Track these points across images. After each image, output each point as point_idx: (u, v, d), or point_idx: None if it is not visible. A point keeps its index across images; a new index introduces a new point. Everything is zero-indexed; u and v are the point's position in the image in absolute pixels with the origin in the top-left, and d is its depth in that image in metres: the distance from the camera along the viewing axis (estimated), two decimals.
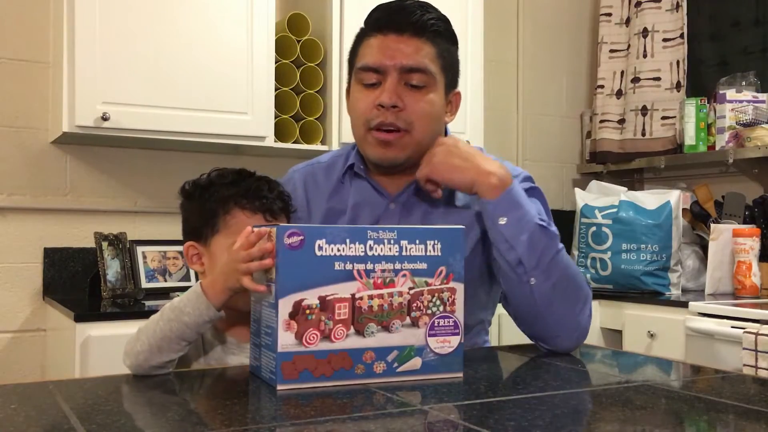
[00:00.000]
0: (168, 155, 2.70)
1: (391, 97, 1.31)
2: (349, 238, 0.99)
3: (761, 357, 1.99)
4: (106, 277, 2.38)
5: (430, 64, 1.33)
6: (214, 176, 1.32)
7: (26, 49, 2.53)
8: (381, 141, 1.34)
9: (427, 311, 1.04)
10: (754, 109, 2.90)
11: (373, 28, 1.36)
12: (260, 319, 1.03)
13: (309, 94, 2.65)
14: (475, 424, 0.80)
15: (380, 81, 1.34)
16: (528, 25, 3.49)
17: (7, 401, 0.90)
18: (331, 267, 0.98)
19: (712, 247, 2.73)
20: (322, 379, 0.97)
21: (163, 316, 1.11)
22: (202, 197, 1.30)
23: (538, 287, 1.26)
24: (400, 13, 1.34)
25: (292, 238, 0.96)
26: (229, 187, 1.29)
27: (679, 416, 0.88)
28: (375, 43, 1.35)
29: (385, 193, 1.42)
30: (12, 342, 2.49)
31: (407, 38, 1.33)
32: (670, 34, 3.22)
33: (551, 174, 3.51)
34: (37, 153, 2.53)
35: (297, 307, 0.96)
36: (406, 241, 1.02)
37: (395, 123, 1.32)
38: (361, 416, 0.84)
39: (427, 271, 1.03)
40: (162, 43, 2.35)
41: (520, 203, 1.28)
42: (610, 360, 1.34)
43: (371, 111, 1.34)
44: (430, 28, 1.34)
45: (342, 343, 0.98)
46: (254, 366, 1.05)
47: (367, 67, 1.35)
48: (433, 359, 1.04)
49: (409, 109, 1.32)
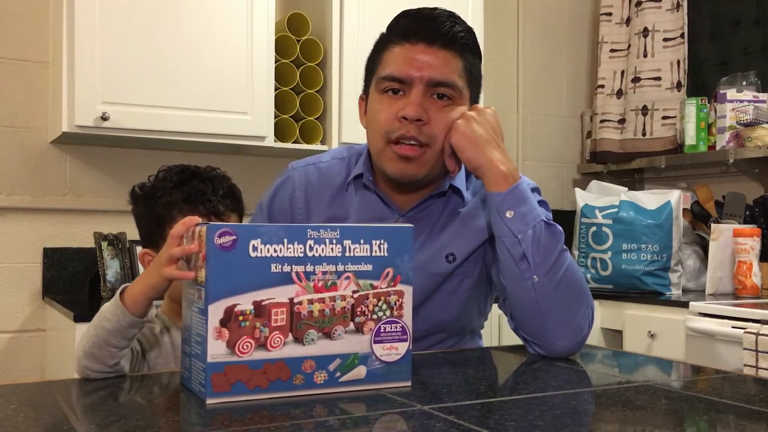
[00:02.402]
0: (168, 155, 2.70)
1: (417, 110, 1.25)
2: (286, 237, 0.91)
3: (762, 357, 1.99)
4: (106, 277, 2.38)
5: (458, 79, 1.28)
6: (160, 179, 1.30)
7: (26, 48, 2.52)
8: (401, 156, 1.28)
9: (372, 316, 0.96)
10: (754, 109, 2.90)
11: (400, 36, 1.29)
12: (191, 326, 0.94)
13: (309, 94, 2.65)
14: (475, 424, 0.80)
15: (404, 91, 1.27)
16: (528, 25, 3.49)
17: (7, 401, 0.90)
18: (267, 269, 0.90)
19: (712, 247, 2.72)
20: (256, 391, 0.89)
21: (92, 322, 1.07)
22: (147, 203, 1.29)
23: (541, 286, 1.23)
24: (430, 23, 1.28)
25: (224, 238, 0.88)
26: (173, 191, 1.27)
27: (679, 416, 0.88)
28: (401, 52, 1.28)
29: (394, 207, 1.37)
30: (12, 342, 2.49)
31: (436, 50, 1.27)
32: (671, 34, 3.22)
33: (551, 174, 3.51)
34: (36, 153, 2.53)
35: (229, 313, 0.88)
36: (350, 241, 0.94)
37: (417, 137, 1.26)
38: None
39: (373, 273, 0.96)
40: (162, 42, 2.35)
41: (527, 198, 1.26)
42: (610, 360, 1.34)
43: (393, 123, 1.27)
44: (460, 40, 1.29)
45: (279, 351, 0.90)
46: (185, 377, 0.97)
47: (392, 77, 1.28)
48: (378, 368, 0.97)
49: (433, 124, 1.27)
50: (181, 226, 0.98)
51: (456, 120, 1.28)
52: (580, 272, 1.30)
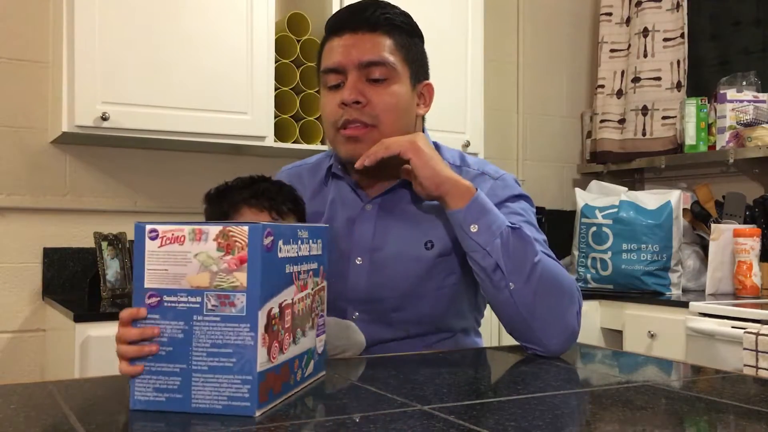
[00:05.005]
0: (168, 155, 2.70)
1: (352, 93, 1.32)
2: (291, 237, 0.91)
3: (762, 357, 1.99)
4: (106, 277, 2.38)
5: (388, 56, 1.34)
6: (233, 181, 1.35)
7: (26, 49, 2.52)
8: (348, 137, 1.33)
9: (317, 311, 1.00)
10: (754, 109, 2.90)
11: (331, 31, 1.38)
12: (191, 339, 0.84)
13: (309, 93, 2.65)
14: (475, 424, 0.80)
15: (343, 82, 1.34)
16: (528, 25, 3.49)
17: (7, 401, 0.90)
18: (284, 270, 0.89)
19: (712, 247, 2.72)
20: (278, 395, 0.88)
21: None
22: (217, 201, 1.32)
23: (519, 292, 1.23)
24: (354, 14, 1.36)
25: (268, 239, 0.84)
26: (242, 190, 1.31)
27: (679, 417, 0.88)
28: (334, 45, 1.36)
29: (362, 194, 1.41)
30: (12, 342, 2.49)
31: (362, 35, 1.34)
32: (671, 34, 3.22)
33: (551, 174, 3.51)
34: (36, 153, 2.53)
35: (269, 318, 0.85)
36: (311, 240, 0.97)
37: (360, 119, 1.32)
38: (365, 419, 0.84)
39: (317, 270, 1.00)
40: (162, 43, 2.35)
41: (488, 208, 1.26)
42: (610, 360, 1.34)
43: (337, 111, 1.34)
44: (385, 22, 1.35)
45: (288, 353, 0.90)
46: (157, 401, 0.85)
47: (327, 69, 1.36)
48: (317, 360, 1.01)
49: (373, 104, 1.32)
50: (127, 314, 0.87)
51: (403, 140, 1.28)
52: (557, 268, 1.28)
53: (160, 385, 0.85)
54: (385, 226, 1.38)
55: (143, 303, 0.85)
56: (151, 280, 0.85)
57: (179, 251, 0.84)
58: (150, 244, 0.85)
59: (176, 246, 0.84)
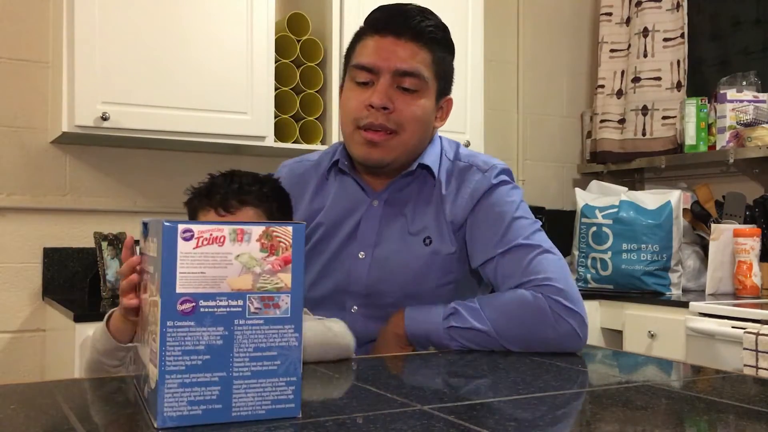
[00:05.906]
0: (168, 155, 2.70)
1: (382, 98, 1.32)
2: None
3: (762, 357, 1.99)
4: (106, 277, 2.38)
5: (424, 69, 1.34)
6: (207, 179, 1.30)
7: (26, 48, 2.52)
8: (368, 141, 1.34)
9: None
10: (754, 109, 2.90)
11: (372, 28, 1.37)
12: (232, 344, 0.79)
13: (309, 93, 2.65)
14: (475, 424, 0.80)
15: (373, 81, 1.34)
16: (528, 25, 3.49)
17: (7, 401, 0.90)
18: None
19: (712, 247, 2.72)
20: None
21: (89, 342, 1.12)
22: (189, 201, 1.29)
23: (501, 337, 1.26)
24: (399, 17, 1.35)
25: None
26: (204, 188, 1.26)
27: (679, 417, 0.88)
28: (372, 43, 1.35)
29: (369, 190, 1.42)
30: (12, 342, 2.49)
31: (404, 42, 1.33)
32: (671, 34, 3.22)
33: (551, 174, 3.51)
34: (36, 153, 2.53)
35: None
36: None
37: (384, 124, 1.33)
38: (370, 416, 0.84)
39: None
40: (162, 42, 2.35)
41: (422, 328, 1.30)
42: (610, 360, 1.34)
43: (361, 110, 1.34)
44: (429, 34, 1.35)
45: None
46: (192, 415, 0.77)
47: (361, 65, 1.35)
48: None
49: (399, 112, 1.33)
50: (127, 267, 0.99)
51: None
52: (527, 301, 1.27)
53: (196, 397, 0.77)
54: (388, 222, 1.40)
55: (174, 311, 0.76)
56: (185, 284, 0.77)
57: (219, 252, 0.78)
58: (183, 245, 0.77)
59: (215, 247, 0.78)
